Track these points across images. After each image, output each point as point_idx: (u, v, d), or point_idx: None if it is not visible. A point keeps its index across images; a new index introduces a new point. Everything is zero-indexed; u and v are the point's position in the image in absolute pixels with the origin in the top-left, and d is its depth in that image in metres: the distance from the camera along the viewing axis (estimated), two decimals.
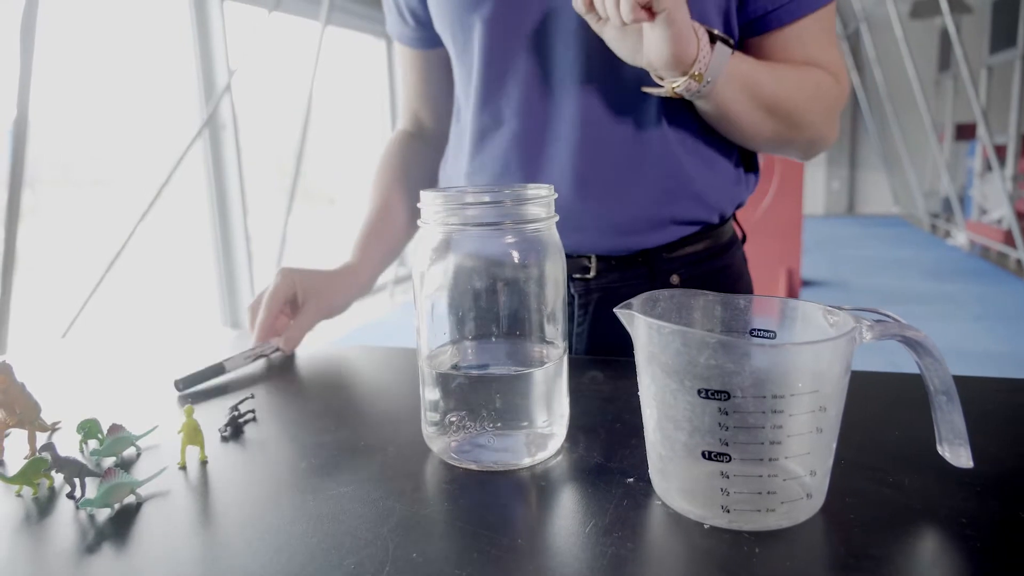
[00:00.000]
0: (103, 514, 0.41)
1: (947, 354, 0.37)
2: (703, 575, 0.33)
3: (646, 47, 0.59)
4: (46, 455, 0.42)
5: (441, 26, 0.74)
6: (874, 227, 8.18)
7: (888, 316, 0.37)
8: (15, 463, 0.49)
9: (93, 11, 3.33)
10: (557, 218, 0.46)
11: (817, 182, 9.40)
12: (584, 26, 0.66)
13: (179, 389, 0.61)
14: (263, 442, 0.51)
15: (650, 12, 0.56)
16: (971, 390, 0.54)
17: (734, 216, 0.79)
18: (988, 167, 5.92)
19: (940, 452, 0.39)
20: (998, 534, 0.36)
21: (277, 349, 0.71)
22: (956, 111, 7.46)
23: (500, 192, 0.43)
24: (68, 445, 0.51)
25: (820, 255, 6.17)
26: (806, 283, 5.05)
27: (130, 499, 0.42)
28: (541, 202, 0.44)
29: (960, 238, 6.51)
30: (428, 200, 0.44)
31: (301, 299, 0.73)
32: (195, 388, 0.63)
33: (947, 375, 0.37)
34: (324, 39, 4.16)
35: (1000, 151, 5.83)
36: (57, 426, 0.55)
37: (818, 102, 0.69)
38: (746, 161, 0.76)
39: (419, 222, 0.46)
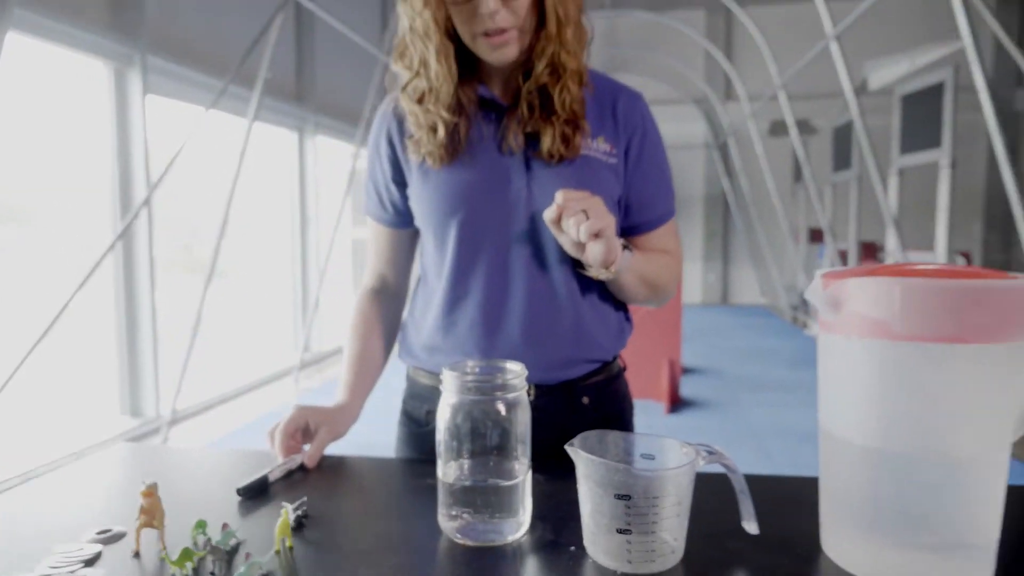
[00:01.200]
0: None
1: (811, 440, 0.67)
2: None
3: (588, 252, 0.88)
4: (203, 548, 0.65)
5: (423, 224, 1.03)
6: (745, 316, 9.00)
7: (714, 449, 0.68)
8: (147, 551, 0.70)
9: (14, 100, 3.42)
10: (527, 387, 0.74)
11: (695, 275, 10.27)
12: (531, 229, 0.97)
13: (240, 495, 0.84)
14: (324, 532, 0.75)
15: (597, 236, 0.86)
16: (778, 486, 0.86)
17: (619, 355, 1.11)
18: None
19: (743, 525, 0.69)
20: (775, 572, 0.66)
21: (301, 464, 0.94)
22: (809, 217, 8.50)
23: (493, 375, 0.72)
24: (177, 537, 0.73)
25: (699, 343, 6.76)
26: (687, 371, 5.56)
27: (259, 574, 0.66)
28: (519, 379, 0.73)
29: (815, 329, 7.34)
30: (448, 377, 0.72)
31: (313, 428, 0.97)
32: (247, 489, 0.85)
33: (743, 483, 0.68)
34: (233, 130, 4.36)
35: (843, 255, 6.72)
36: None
37: (670, 276, 1.05)
38: (625, 319, 1.09)
39: (441, 388, 0.73)
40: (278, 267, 6.31)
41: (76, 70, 3.90)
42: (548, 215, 0.88)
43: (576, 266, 0.98)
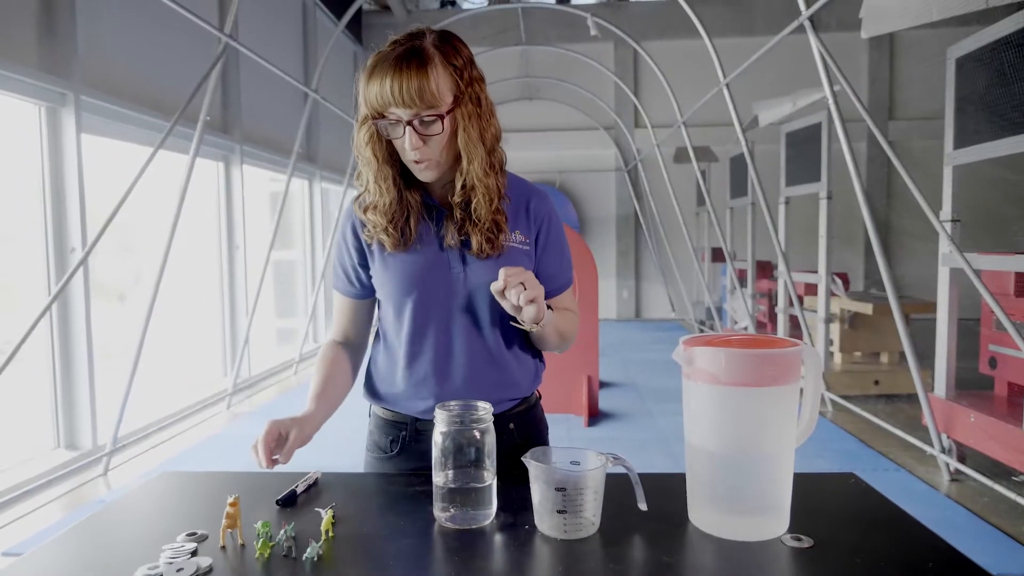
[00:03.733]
0: (307, 561, 0.95)
1: None
2: (560, 551, 0.96)
3: (524, 312, 1.20)
4: (280, 537, 0.96)
5: (384, 298, 1.34)
6: (656, 331, 9.61)
7: (619, 456, 1.04)
8: (228, 545, 1.00)
9: None
10: (492, 420, 1.09)
11: (610, 291, 10.85)
12: (468, 304, 1.29)
13: (278, 504, 1.14)
14: (349, 526, 1.07)
15: (532, 301, 1.18)
16: (660, 480, 1.23)
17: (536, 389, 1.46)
18: (735, 286, 7.44)
19: (637, 505, 1.05)
20: (657, 534, 1.02)
21: (316, 480, 1.24)
22: (712, 238, 9.19)
23: (470, 412, 1.06)
24: (246, 534, 1.03)
25: (615, 357, 7.25)
26: (604, 384, 6.01)
27: (318, 553, 0.97)
28: (487, 415, 1.07)
29: None
30: (440, 414, 1.06)
31: (285, 434, 1.22)
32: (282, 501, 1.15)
33: (637, 477, 1.04)
34: (171, 164, 4.51)
35: (741, 274, 7.38)
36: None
37: (574, 328, 1.41)
38: (539, 363, 1.44)
39: (435, 422, 1.06)
40: (204, 292, 6.38)
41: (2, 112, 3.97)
42: (495, 287, 1.20)
43: (512, 321, 1.28)
